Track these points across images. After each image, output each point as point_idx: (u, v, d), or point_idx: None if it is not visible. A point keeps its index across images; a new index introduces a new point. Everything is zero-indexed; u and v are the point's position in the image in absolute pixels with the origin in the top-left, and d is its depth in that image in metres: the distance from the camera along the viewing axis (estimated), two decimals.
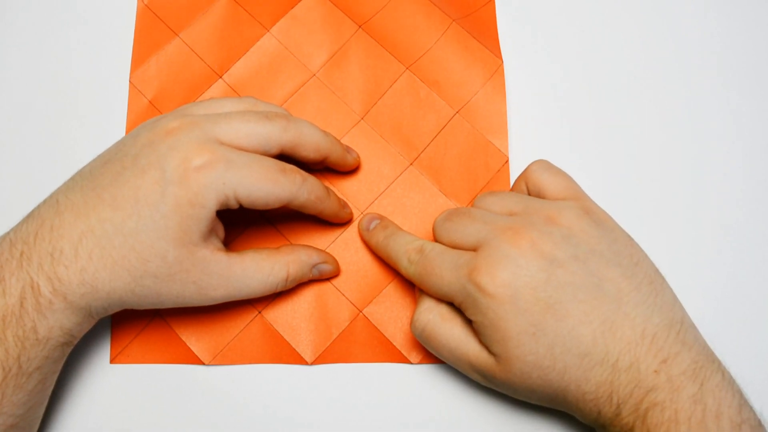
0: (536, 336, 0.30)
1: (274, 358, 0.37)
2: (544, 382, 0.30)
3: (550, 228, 0.32)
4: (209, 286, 0.33)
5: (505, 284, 0.30)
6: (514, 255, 0.30)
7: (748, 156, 0.41)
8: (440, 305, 0.34)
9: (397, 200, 0.40)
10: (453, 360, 0.33)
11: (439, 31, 0.42)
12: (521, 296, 0.30)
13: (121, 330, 0.37)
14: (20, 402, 0.30)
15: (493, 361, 0.31)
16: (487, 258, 0.31)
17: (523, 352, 0.30)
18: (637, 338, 0.30)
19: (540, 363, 0.30)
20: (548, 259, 0.30)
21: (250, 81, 0.41)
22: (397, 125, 0.41)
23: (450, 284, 0.32)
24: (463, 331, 0.33)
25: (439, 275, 0.32)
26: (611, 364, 0.29)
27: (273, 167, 0.33)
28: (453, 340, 0.33)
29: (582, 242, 0.31)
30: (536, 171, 0.35)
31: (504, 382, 0.32)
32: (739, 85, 0.42)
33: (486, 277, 0.30)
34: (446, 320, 0.33)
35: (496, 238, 0.31)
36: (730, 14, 0.44)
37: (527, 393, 0.32)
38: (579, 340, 0.30)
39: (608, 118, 0.42)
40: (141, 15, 0.43)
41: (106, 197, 0.31)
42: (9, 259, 0.30)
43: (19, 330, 0.30)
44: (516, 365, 0.30)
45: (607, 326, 0.30)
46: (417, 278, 0.34)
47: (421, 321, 0.34)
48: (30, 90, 0.42)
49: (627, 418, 0.29)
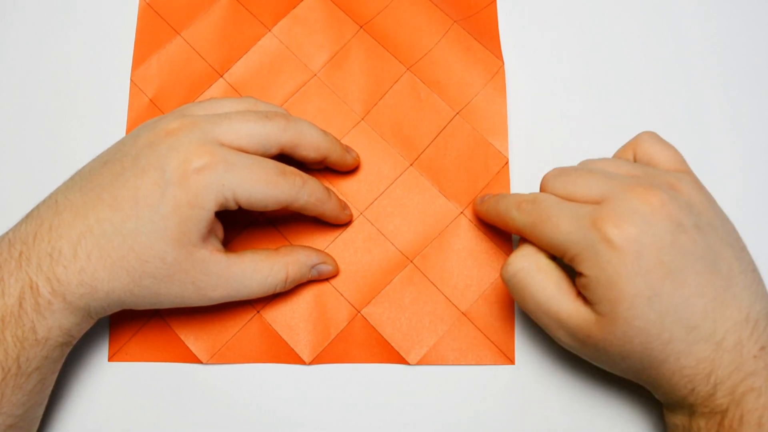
0: (651, 301, 0.29)
1: (272, 357, 0.37)
2: (644, 350, 0.29)
3: (675, 194, 0.30)
4: (208, 287, 0.33)
5: (632, 239, 0.29)
6: (643, 211, 0.29)
7: (749, 155, 0.41)
8: (539, 254, 0.32)
9: (396, 201, 0.40)
10: (539, 314, 0.32)
11: (440, 32, 0.42)
12: (645, 255, 0.29)
13: (120, 328, 0.37)
14: (19, 402, 0.30)
15: (592, 320, 0.30)
16: (616, 209, 0.29)
17: (633, 314, 0.29)
18: (742, 321, 0.29)
19: (647, 329, 0.29)
20: (675, 223, 0.29)
21: (250, 80, 0.41)
22: (397, 126, 0.41)
23: (568, 233, 0.30)
24: (558, 286, 0.31)
25: (555, 223, 0.31)
26: (716, 341, 0.29)
27: (273, 169, 0.33)
28: (545, 294, 0.31)
29: (702, 214, 0.31)
30: (649, 140, 0.34)
31: (598, 344, 0.30)
32: (740, 85, 0.42)
33: (613, 228, 0.29)
34: (542, 271, 0.32)
35: (624, 191, 0.30)
36: (731, 14, 0.44)
37: (618, 359, 0.30)
38: (691, 311, 0.29)
39: (609, 119, 0.42)
40: (142, 13, 0.43)
41: (106, 197, 0.31)
42: (8, 259, 0.30)
43: (18, 330, 0.30)
44: (621, 328, 0.29)
45: (717, 303, 0.29)
46: (528, 227, 0.32)
47: (515, 265, 0.32)
48: (30, 89, 0.42)
49: (721, 399, 0.29)
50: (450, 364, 0.37)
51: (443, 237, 0.39)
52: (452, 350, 0.37)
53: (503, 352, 0.37)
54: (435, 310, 0.38)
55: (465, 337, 0.37)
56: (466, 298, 0.38)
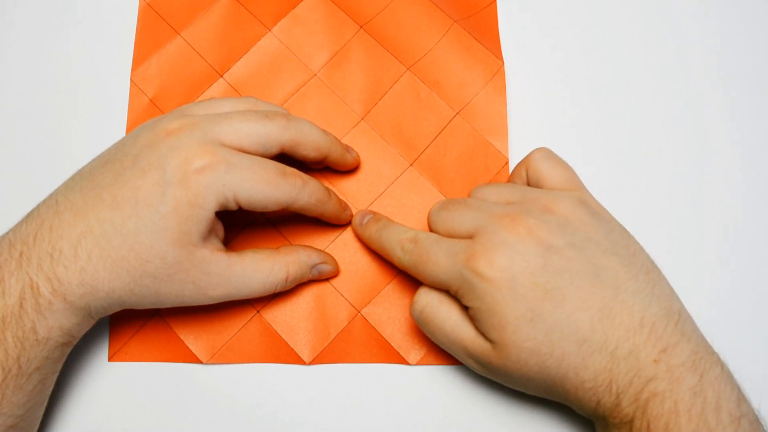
0: (534, 321, 0.30)
1: (272, 357, 0.37)
2: (541, 369, 0.30)
3: (546, 216, 0.32)
4: (208, 286, 0.33)
5: (502, 269, 0.30)
6: (511, 241, 0.30)
7: (749, 154, 0.41)
8: (438, 291, 0.33)
9: (396, 201, 0.40)
10: (449, 345, 0.33)
11: (440, 32, 0.42)
12: (519, 281, 0.30)
13: (120, 328, 0.37)
14: (20, 402, 0.30)
15: (489, 348, 0.31)
16: (484, 244, 0.31)
17: (520, 337, 0.30)
18: (636, 326, 0.29)
19: (538, 349, 0.30)
20: (545, 246, 0.30)
21: (250, 80, 0.41)
22: (397, 126, 0.41)
23: (446, 271, 0.32)
24: (459, 316, 0.32)
25: (435, 262, 0.32)
26: (610, 351, 0.29)
27: (273, 170, 0.33)
28: (449, 324, 0.32)
29: (578, 231, 0.31)
30: (538, 159, 0.35)
31: (500, 370, 0.31)
32: (740, 84, 0.42)
33: (483, 262, 0.30)
34: (444, 304, 0.33)
35: (492, 224, 0.31)
36: (731, 14, 0.44)
37: (524, 381, 0.31)
38: (577, 326, 0.29)
39: (609, 119, 0.42)
40: (143, 13, 0.43)
41: (106, 197, 0.31)
42: (8, 259, 0.30)
43: (18, 330, 0.30)
44: (513, 351, 0.30)
45: (605, 313, 0.30)
46: (412, 267, 0.34)
47: (420, 302, 0.33)
48: (30, 89, 0.42)
49: (627, 408, 0.29)
50: (450, 364, 0.37)
51: None
52: None
53: None
54: None
55: None
56: None
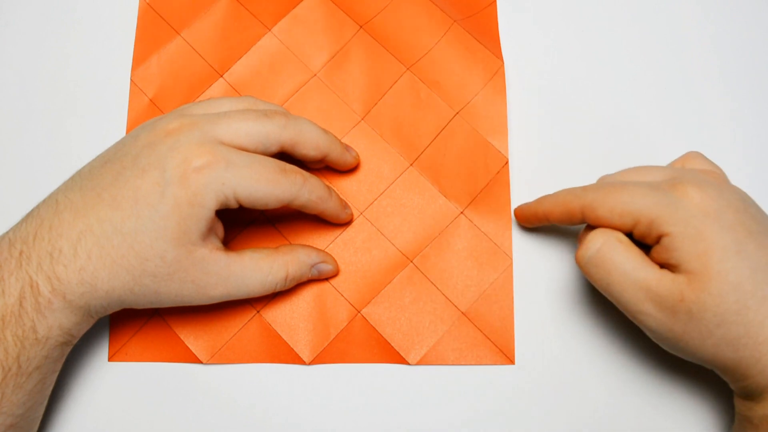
0: (740, 255, 0.29)
1: (272, 357, 0.37)
2: (739, 309, 0.28)
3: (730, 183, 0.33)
4: (208, 285, 0.33)
5: (712, 198, 0.30)
6: (712, 181, 0.31)
7: (749, 155, 0.41)
8: (614, 231, 0.32)
9: (396, 201, 0.40)
10: (626, 285, 0.31)
11: (440, 32, 0.42)
12: (725, 214, 0.29)
13: (120, 328, 0.37)
14: (20, 402, 0.30)
15: (683, 281, 0.29)
16: (690, 178, 0.31)
17: (726, 267, 0.28)
18: None
19: (742, 285, 0.28)
20: (741, 197, 0.31)
21: (250, 80, 0.41)
22: (397, 126, 0.41)
23: (646, 195, 0.30)
24: (641, 256, 0.31)
25: (631, 190, 0.31)
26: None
27: (273, 168, 0.33)
28: (630, 262, 0.31)
29: (756, 203, 0.32)
30: (698, 157, 0.35)
31: (690, 308, 0.29)
32: (741, 84, 0.42)
33: (693, 188, 0.30)
34: (623, 242, 0.31)
35: (690, 173, 0.32)
36: (731, 14, 0.44)
37: (712, 327, 0.29)
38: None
39: (609, 119, 0.42)
40: (143, 13, 0.43)
41: (106, 197, 0.31)
42: (8, 258, 0.30)
43: (18, 330, 0.30)
44: (715, 283, 0.28)
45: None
46: (598, 199, 0.32)
47: (596, 242, 0.31)
48: (30, 88, 0.42)
49: None
50: (450, 364, 0.37)
51: (443, 237, 0.39)
52: (452, 350, 0.37)
53: (503, 352, 0.37)
54: (435, 310, 0.38)
55: (465, 337, 0.37)
56: (466, 298, 0.38)
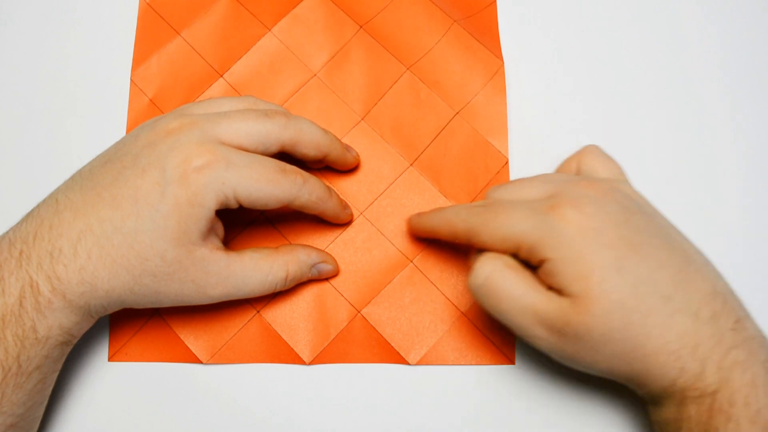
0: (621, 272, 0.29)
1: (272, 357, 0.37)
2: (626, 326, 0.28)
3: (615, 188, 0.32)
4: (208, 285, 0.33)
5: (590, 215, 0.29)
6: (593, 196, 0.31)
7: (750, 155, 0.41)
8: (503, 256, 0.32)
9: (396, 201, 0.40)
10: (516, 312, 0.31)
11: (440, 32, 0.42)
12: (605, 231, 0.29)
13: (120, 328, 0.37)
14: (20, 401, 0.30)
15: (567, 305, 0.29)
16: (568, 196, 0.31)
17: (607, 287, 0.28)
18: (711, 293, 0.29)
19: (624, 302, 0.28)
20: (623, 206, 0.31)
21: (250, 80, 0.41)
22: (397, 126, 0.41)
23: (526, 220, 0.30)
24: (528, 280, 0.31)
25: (511, 214, 0.31)
26: (693, 312, 0.28)
27: (273, 168, 0.33)
28: (518, 289, 0.30)
29: (644, 206, 0.32)
30: (591, 153, 0.35)
31: (578, 330, 0.29)
32: (742, 84, 0.42)
33: (570, 209, 0.30)
34: (512, 268, 0.31)
35: (570, 186, 0.31)
36: (732, 14, 0.44)
37: (600, 345, 0.29)
38: (661, 282, 0.29)
39: (609, 120, 0.42)
40: (143, 13, 0.43)
41: (106, 196, 0.31)
42: (8, 258, 0.30)
43: (18, 329, 0.30)
44: (598, 304, 0.28)
45: (683, 275, 0.29)
46: (481, 225, 0.32)
47: (485, 269, 0.31)
48: (30, 88, 0.42)
49: (711, 377, 0.28)
50: (450, 364, 0.37)
51: None
52: (452, 350, 0.37)
53: (503, 352, 0.37)
54: (435, 310, 0.38)
55: (465, 337, 0.37)
56: (466, 298, 0.38)
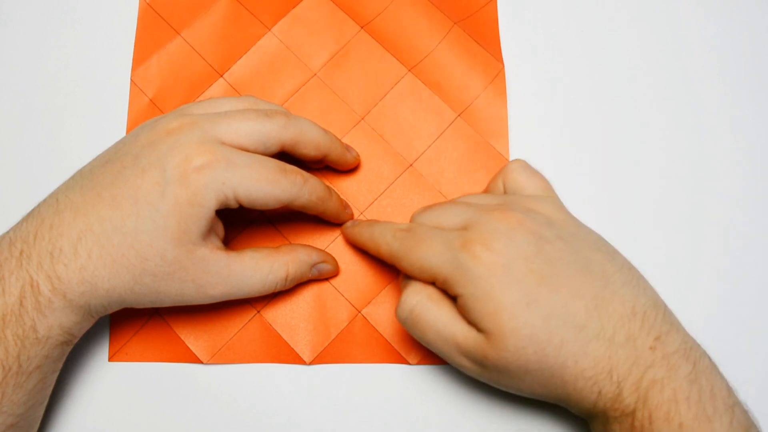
0: (531, 307, 0.29)
1: (273, 357, 0.37)
2: (540, 359, 0.29)
3: (532, 213, 0.32)
4: (208, 285, 0.33)
5: (498, 252, 0.30)
6: (504, 229, 0.31)
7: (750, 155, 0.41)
8: (427, 287, 0.33)
9: (396, 201, 0.40)
10: (440, 344, 0.32)
11: (441, 34, 0.42)
12: (514, 267, 0.30)
13: (120, 328, 0.37)
14: (20, 401, 0.30)
15: (483, 341, 0.30)
16: (479, 231, 0.31)
17: (517, 324, 0.29)
18: (629, 314, 0.30)
19: (536, 336, 0.29)
20: (536, 236, 0.31)
21: (250, 80, 0.41)
22: (397, 126, 0.41)
23: (440, 254, 0.31)
24: (451, 311, 0.32)
25: (428, 245, 0.32)
26: (607, 338, 0.29)
27: (274, 168, 0.33)
28: (440, 321, 0.32)
29: (563, 228, 0.32)
30: (516, 169, 0.36)
31: (496, 364, 0.30)
32: (742, 85, 0.42)
33: (479, 247, 0.30)
34: (434, 301, 0.32)
35: (484, 216, 0.32)
36: (731, 14, 0.44)
37: (520, 375, 0.30)
38: (573, 312, 0.29)
39: (609, 121, 0.42)
40: (143, 13, 0.43)
41: (106, 196, 0.31)
42: (8, 257, 0.30)
43: (18, 329, 0.30)
44: (510, 340, 0.29)
45: (598, 301, 0.30)
46: (401, 252, 0.33)
47: (409, 302, 0.32)
48: (30, 88, 0.42)
49: (628, 398, 0.29)
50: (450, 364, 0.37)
51: None
52: None
53: None
54: None
55: None
56: None
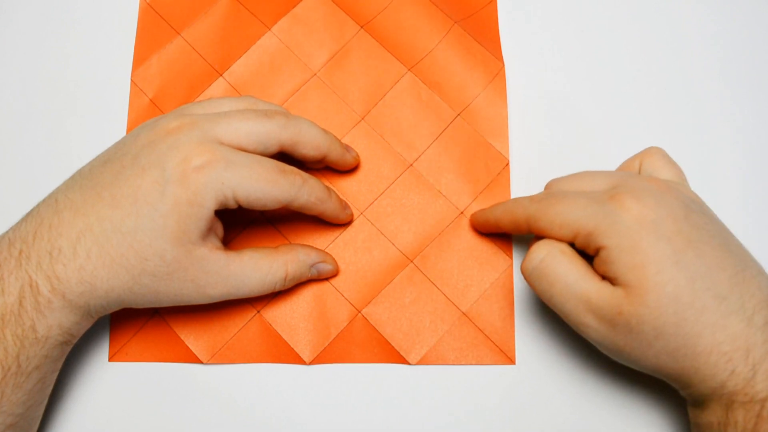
0: (678, 265, 0.28)
1: (273, 357, 0.37)
2: (678, 321, 0.28)
3: (678, 186, 0.32)
4: (207, 285, 0.33)
5: (650, 207, 0.29)
6: (655, 190, 0.31)
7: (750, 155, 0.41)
8: (559, 242, 0.32)
9: (396, 201, 0.40)
10: (567, 298, 0.31)
11: (441, 33, 0.42)
12: (664, 224, 0.29)
13: (120, 328, 0.37)
14: (19, 401, 0.30)
15: (621, 294, 0.29)
16: (630, 188, 0.31)
17: (663, 279, 0.28)
18: (765, 300, 0.29)
19: (679, 296, 0.28)
20: (684, 203, 0.30)
21: (250, 79, 0.41)
22: (397, 126, 0.41)
23: (586, 207, 0.30)
24: (584, 267, 0.31)
25: (572, 201, 0.31)
26: (747, 316, 0.28)
27: (273, 168, 0.33)
28: (572, 274, 0.31)
29: (704, 207, 0.32)
30: (656, 154, 0.35)
31: (629, 322, 0.29)
32: (741, 85, 0.42)
33: (631, 199, 0.30)
34: (566, 255, 0.31)
35: (632, 179, 0.32)
36: (731, 14, 0.44)
37: (651, 339, 0.29)
38: (718, 281, 0.29)
39: (609, 121, 0.42)
40: (143, 13, 0.43)
41: (106, 196, 0.31)
42: (8, 257, 0.30)
43: (18, 329, 0.30)
44: (652, 295, 0.28)
45: (739, 278, 0.29)
46: (541, 210, 0.32)
47: (539, 253, 0.32)
48: (31, 89, 0.42)
49: (761, 384, 0.27)
50: (450, 364, 0.37)
51: (443, 237, 0.39)
52: (452, 350, 0.37)
53: (503, 352, 0.37)
54: (435, 310, 0.38)
55: (465, 337, 0.37)
56: (467, 298, 0.38)
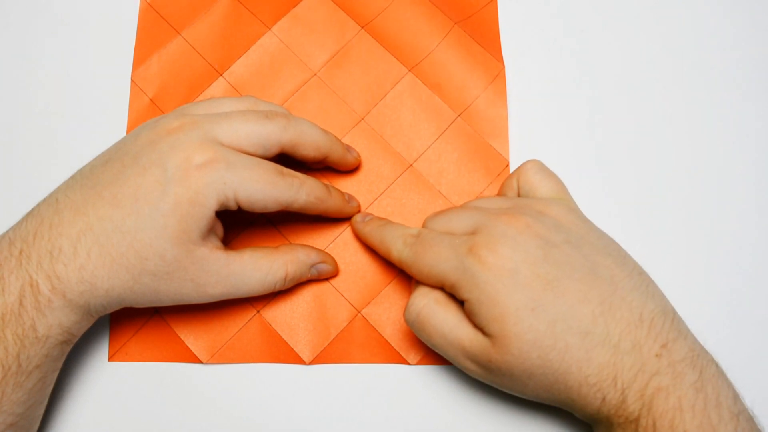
0: (536, 312, 0.29)
1: (272, 357, 0.37)
2: (544, 363, 0.29)
3: (541, 217, 0.32)
4: (207, 284, 0.33)
5: (504, 257, 0.30)
6: (511, 233, 0.31)
7: (751, 159, 0.41)
8: (435, 291, 0.33)
9: (396, 201, 0.40)
10: (446, 347, 0.32)
11: (441, 34, 0.42)
12: (520, 271, 0.30)
13: (120, 328, 0.37)
14: (20, 400, 0.30)
15: (488, 344, 0.30)
16: (486, 236, 0.31)
17: (522, 329, 0.29)
18: (636, 321, 0.30)
19: (540, 341, 0.29)
20: (543, 240, 0.31)
21: (251, 79, 0.41)
22: (398, 126, 0.41)
23: (447, 260, 0.31)
24: (457, 315, 0.32)
25: (436, 252, 0.32)
26: (613, 345, 0.29)
27: (272, 170, 0.33)
28: (447, 325, 0.32)
29: (572, 231, 0.32)
30: (531, 170, 0.36)
31: (500, 368, 0.30)
32: (742, 87, 0.42)
33: (486, 251, 0.30)
34: (441, 304, 0.32)
35: (492, 221, 0.32)
36: (731, 14, 0.44)
37: (524, 380, 0.31)
38: (579, 318, 0.29)
39: (609, 122, 0.42)
40: (143, 13, 0.43)
41: (106, 195, 0.31)
42: (8, 257, 0.30)
43: (18, 328, 0.30)
44: (515, 344, 0.29)
45: (605, 307, 0.30)
46: (411, 259, 0.33)
47: (417, 305, 0.33)
48: (31, 89, 0.42)
49: (632, 405, 0.29)
50: (450, 364, 0.37)
51: None
52: None
53: None
54: None
55: None
56: None
